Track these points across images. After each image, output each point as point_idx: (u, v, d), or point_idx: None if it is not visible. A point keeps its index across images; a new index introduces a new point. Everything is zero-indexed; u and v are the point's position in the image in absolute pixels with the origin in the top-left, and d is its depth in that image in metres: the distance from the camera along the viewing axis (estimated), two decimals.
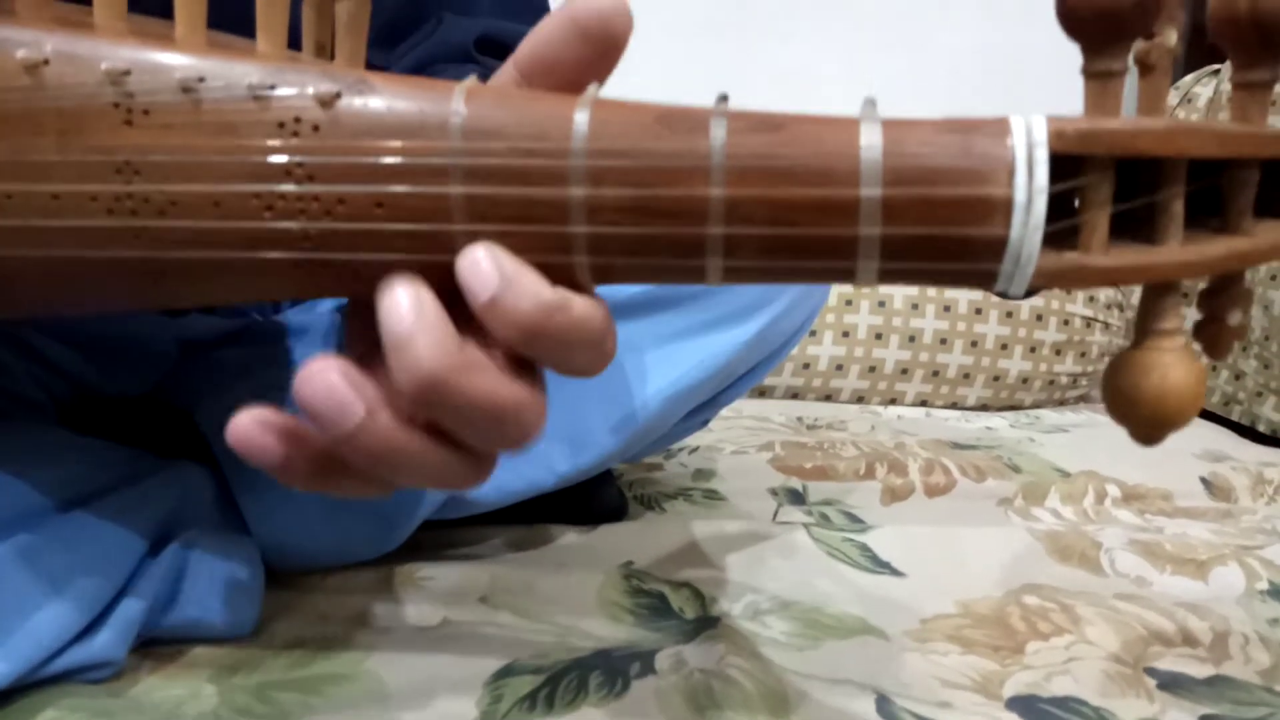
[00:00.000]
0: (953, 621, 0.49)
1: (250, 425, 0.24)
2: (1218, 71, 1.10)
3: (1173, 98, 1.13)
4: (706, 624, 0.48)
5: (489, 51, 0.53)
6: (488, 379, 0.22)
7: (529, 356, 0.23)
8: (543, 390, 0.24)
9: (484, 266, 0.21)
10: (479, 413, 0.22)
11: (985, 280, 0.20)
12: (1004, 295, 0.20)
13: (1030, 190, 0.19)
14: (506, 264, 0.21)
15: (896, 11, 1.31)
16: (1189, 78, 1.13)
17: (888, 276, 0.20)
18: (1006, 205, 0.19)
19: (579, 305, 0.22)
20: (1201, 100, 1.09)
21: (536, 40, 0.24)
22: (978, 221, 0.19)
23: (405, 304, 0.21)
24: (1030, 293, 0.20)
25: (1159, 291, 0.21)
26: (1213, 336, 0.22)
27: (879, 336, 1.05)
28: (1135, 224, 0.20)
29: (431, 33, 0.52)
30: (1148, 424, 0.21)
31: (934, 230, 0.19)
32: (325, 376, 0.21)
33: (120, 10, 0.24)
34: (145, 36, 0.23)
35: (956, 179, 0.19)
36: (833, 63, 1.31)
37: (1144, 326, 0.21)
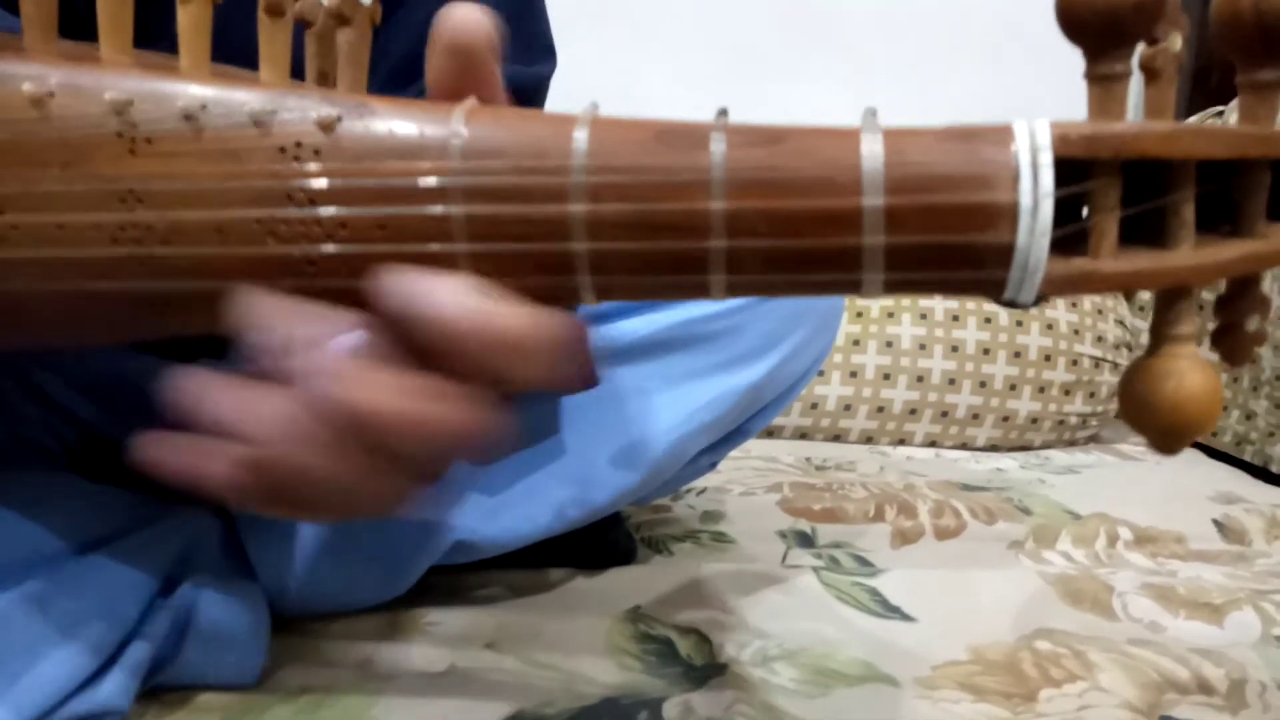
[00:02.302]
0: (964, 668, 0.48)
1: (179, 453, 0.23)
2: (1222, 113, 1.11)
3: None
4: (714, 671, 0.47)
5: None
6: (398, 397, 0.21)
7: (460, 370, 0.21)
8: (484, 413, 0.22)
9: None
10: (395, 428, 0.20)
11: (994, 288, 0.20)
12: (1013, 304, 0.20)
13: (1036, 195, 0.19)
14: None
15: (904, 57, 1.33)
16: (1194, 120, 1.14)
17: (894, 287, 0.20)
18: (1012, 211, 0.19)
19: (509, 314, 0.21)
20: None
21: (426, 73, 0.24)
22: (983, 228, 0.19)
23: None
24: (1040, 299, 0.20)
25: (1173, 297, 0.20)
26: (1231, 344, 0.22)
27: (887, 377, 1.05)
28: (1146, 229, 0.20)
29: None
30: (1166, 431, 0.20)
31: (939, 238, 0.19)
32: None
33: (126, 45, 0.24)
34: (149, 67, 0.23)
35: (960, 186, 0.19)
36: (841, 108, 1.32)
37: (1159, 333, 0.21)
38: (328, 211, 0.21)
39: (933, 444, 1.06)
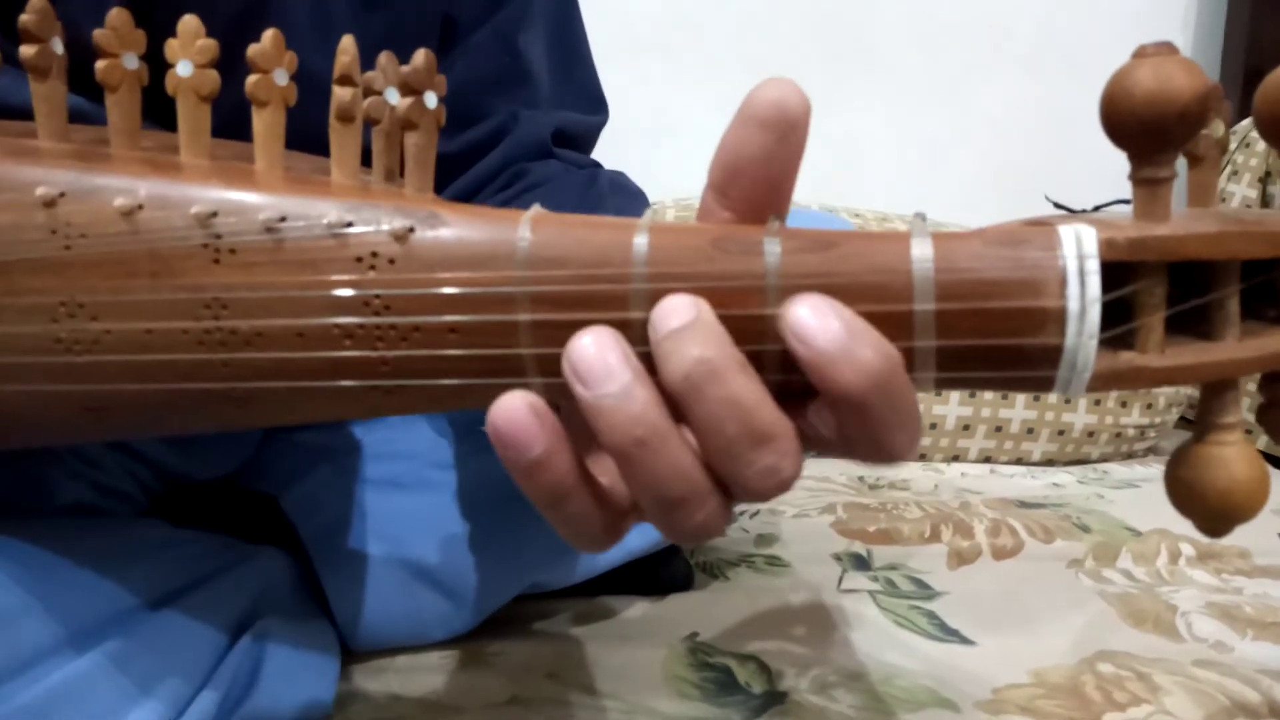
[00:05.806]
0: (1025, 691, 0.48)
1: (521, 407, 0.22)
2: None
3: (1229, 142, 1.11)
4: (774, 699, 0.48)
5: (561, 143, 0.55)
6: (750, 383, 0.21)
7: (851, 424, 0.21)
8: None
9: (831, 319, 0.20)
10: (734, 410, 0.21)
11: (1043, 385, 0.20)
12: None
13: (1083, 301, 0.19)
14: (846, 314, 0.20)
15: (941, 75, 1.32)
16: (1245, 123, 1.11)
17: (945, 384, 0.21)
18: (1060, 315, 0.19)
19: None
20: (1261, 144, 1.07)
21: (723, 149, 0.23)
22: (1032, 332, 0.20)
23: (681, 302, 0.21)
24: (1089, 392, 0.21)
25: (1219, 387, 0.21)
26: (1276, 421, 0.22)
27: (939, 392, 1.04)
28: (1193, 319, 0.21)
29: (509, 128, 0.54)
30: (1214, 518, 0.21)
31: (989, 341, 0.20)
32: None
33: (205, 150, 0.26)
34: (229, 175, 0.25)
35: (1009, 291, 0.20)
36: (880, 128, 1.32)
37: (1205, 421, 0.21)
38: (401, 318, 0.23)
39: (987, 459, 1.05)
